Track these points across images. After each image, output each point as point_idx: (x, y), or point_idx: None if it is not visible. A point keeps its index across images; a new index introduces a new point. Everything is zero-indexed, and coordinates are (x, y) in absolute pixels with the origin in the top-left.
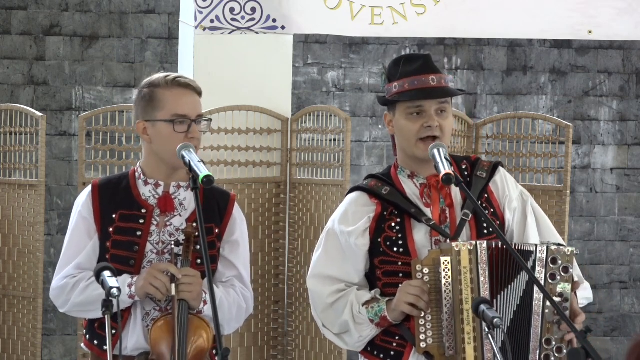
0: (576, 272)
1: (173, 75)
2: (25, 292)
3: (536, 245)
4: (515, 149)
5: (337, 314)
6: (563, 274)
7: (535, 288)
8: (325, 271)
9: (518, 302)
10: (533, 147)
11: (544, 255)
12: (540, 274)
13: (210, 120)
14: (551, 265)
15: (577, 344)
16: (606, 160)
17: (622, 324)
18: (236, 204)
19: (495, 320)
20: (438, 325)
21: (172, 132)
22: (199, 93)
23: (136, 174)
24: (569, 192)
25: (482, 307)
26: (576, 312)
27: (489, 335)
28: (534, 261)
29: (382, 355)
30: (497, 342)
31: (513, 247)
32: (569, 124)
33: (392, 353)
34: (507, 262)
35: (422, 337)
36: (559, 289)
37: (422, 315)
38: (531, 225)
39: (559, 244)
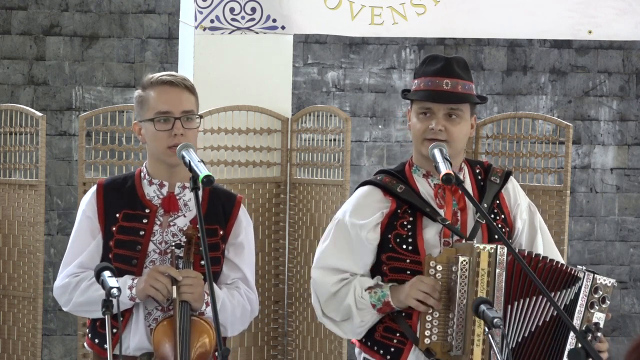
0: None
1: (160, 74)
2: (25, 292)
3: (584, 272)
4: (515, 149)
5: (340, 300)
6: (601, 305)
7: (576, 314)
8: (332, 263)
9: (547, 319)
10: (533, 147)
11: (589, 284)
12: (582, 300)
13: (200, 116)
14: (593, 295)
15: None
16: (606, 160)
17: (622, 324)
18: (242, 207)
19: (495, 320)
20: (444, 324)
21: (156, 130)
22: (188, 89)
23: (142, 173)
24: (569, 192)
25: (482, 307)
26: (601, 339)
27: (489, 335)
28: (579, 288)
29: (381, 351)
30: (504, 348)
31: (564, 268)
32: (569, 124)
33: (392, 349)
34: (537, 274)
35: (426, 333)
36: (595, 318)
37: (430, 311)
38: (540, 242)
39: (594, 272)
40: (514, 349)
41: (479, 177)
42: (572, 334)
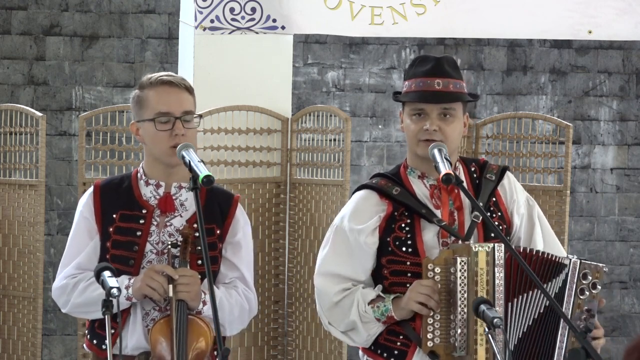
0: None
1: (159, 74)
2: (25, 292)
3: (570, 259)
4: (515, 149)
5: (343, 313)
6: (592, 290)
7: (565, 300)
8: (333, 269)
9: (541, 311)
10: (533, 147)
11: (577, 270)
12: (571, 288)
13: (200, 116)
14: (582, 281)
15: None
16: (606, 160)
17: (622, 324)
18: (239, 206)
19: (495, 320)
20: (446, 325)
21: (156, 131)
22: (187, 89)
23: (138, 174)
24: (569, 192)
25: (482, 307)
26: (596, 325)
27: (489, 335)
28: (567, 275)
29: (385, 355)
30: (506, 347)
31: (547, 257)
32: (569, 124)
33: (396, 352)
34: (531, 269)
35: (429, 336)
36: (586, 304)
37: (431, 314)
38: (538, 234)
39: (581, 259)
40: (515, 345)
41: (474, 175)
42: (561, 329)
